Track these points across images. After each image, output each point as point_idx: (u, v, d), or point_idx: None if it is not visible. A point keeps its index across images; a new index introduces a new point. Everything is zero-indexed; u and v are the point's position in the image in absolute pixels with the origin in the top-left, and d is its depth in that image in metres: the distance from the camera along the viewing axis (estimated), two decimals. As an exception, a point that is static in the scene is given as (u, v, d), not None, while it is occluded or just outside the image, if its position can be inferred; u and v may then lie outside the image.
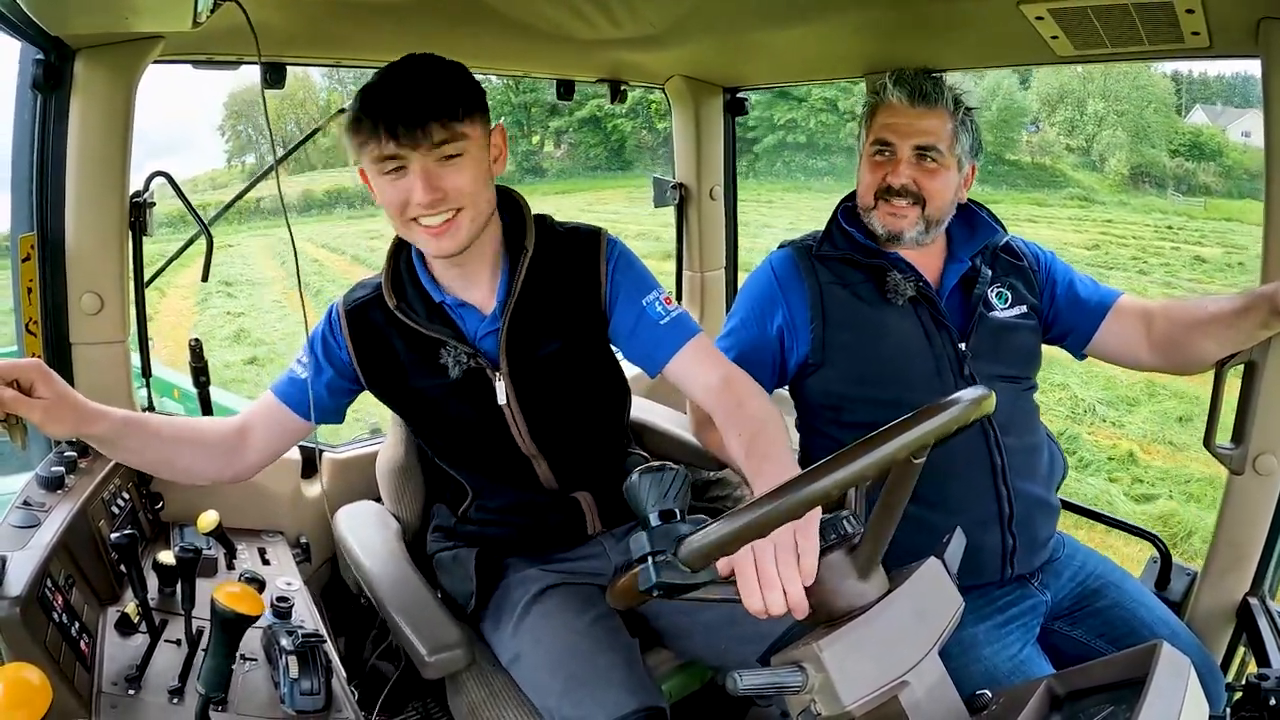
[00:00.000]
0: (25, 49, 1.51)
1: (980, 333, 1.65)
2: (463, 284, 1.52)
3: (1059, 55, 1.72)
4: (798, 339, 1.68)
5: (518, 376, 1.52)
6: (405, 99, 1.32)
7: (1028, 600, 1.61)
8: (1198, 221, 10.50)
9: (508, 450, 1.57)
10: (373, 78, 1.36)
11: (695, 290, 2.77)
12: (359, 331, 1.54)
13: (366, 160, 1.36)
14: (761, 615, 1.00)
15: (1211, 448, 1.57)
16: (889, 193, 1.63)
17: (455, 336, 1.50)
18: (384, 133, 1.31)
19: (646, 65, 2.38)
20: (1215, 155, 29.52)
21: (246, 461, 1.51)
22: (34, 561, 1.16)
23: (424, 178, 1.33)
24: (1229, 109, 32.25)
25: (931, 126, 1.61)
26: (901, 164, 1.62)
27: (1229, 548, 1.68)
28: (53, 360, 1.60)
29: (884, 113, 1.64)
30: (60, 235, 1.60)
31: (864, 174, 1.68)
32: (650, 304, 1.53)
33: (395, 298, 1.51)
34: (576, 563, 1.64)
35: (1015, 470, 1.60)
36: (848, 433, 1.03)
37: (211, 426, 1.50)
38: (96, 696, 1.14)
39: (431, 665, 1.48)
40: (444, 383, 1.51)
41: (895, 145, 1.62)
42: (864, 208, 1.68)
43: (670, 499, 0.97)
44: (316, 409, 1.54)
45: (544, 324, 1.52)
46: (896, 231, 1.64)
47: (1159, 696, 0.87)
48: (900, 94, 1.62)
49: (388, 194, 1.37)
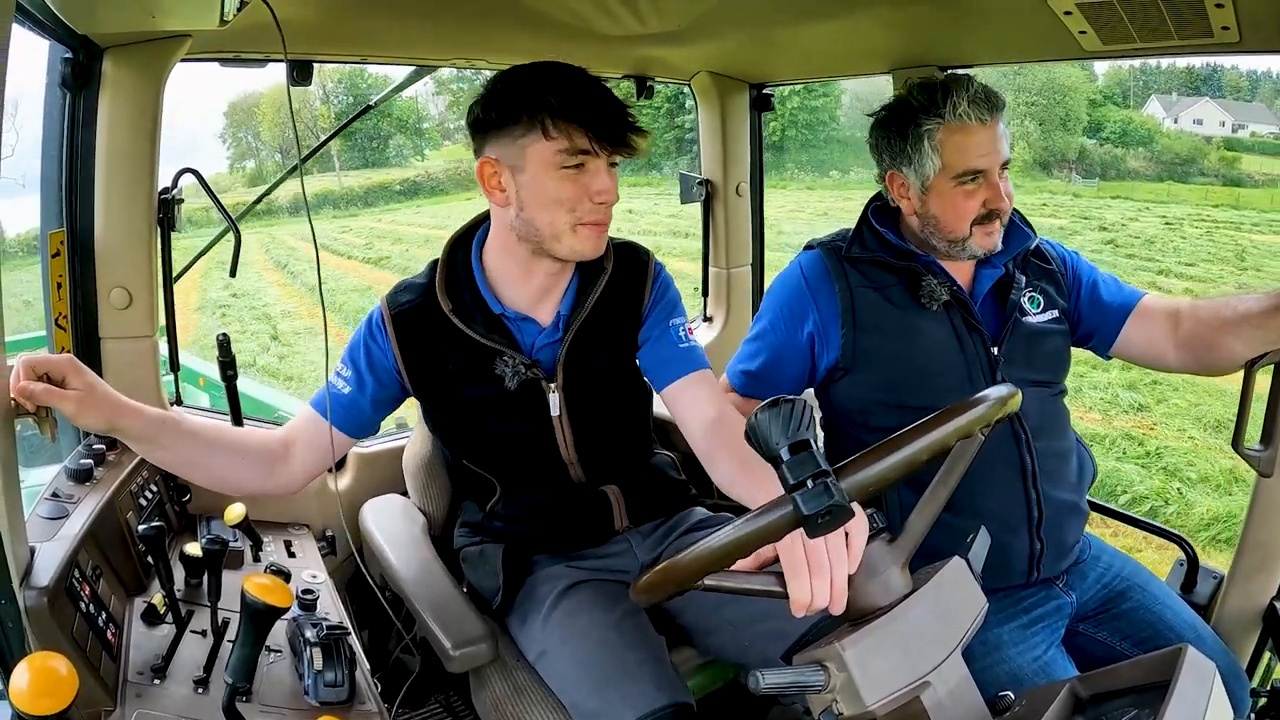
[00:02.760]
0: (54, 48, 1.53)
1: (1014, 338, 1.62)
2: (536, 297, 1.53)
3: (1086, 50, 1.69)
4: (828, 344, 1.65)
5: (571, 389, 1.54)
6: (605, 102, 1.37)
7: (1053, 602, 1.60)
8: (1082, 200, 10.75)
9: (549, 457, 1.58)
10: (530, 77, 1.38)
11: (721, 287, 2.76)
12: (406, 336, 1.52)
13: (541, 153, 1.37)
14: (803, 608, 0.97)
15: (1240, 450, 1.55)
16: (989, 218, 1.58)
17: (512, 346, 1.51)
18: (584, 130, 1.35)
19: (672, 61, 2.38)
20: (1145, 142, 30.73)
21: (291, 473, 1.50)
22: (62, 552, 1.17)
23: (609, 175, 1.40)
24: (1183, 99, 33.70)
25: (1001, 136, 1.57)
26: (999, 185, 1.57)
27: (1256, 551, 1.66)
28: (82, 355, 1.62)
29: (959, 135, 1.55)
30: (89, 231, 1.63)
31: (954, 206, 1.58)
32: (675, 326, 1.58)
33: (451, 301, 1.51)
34: (604, 560, 1.65)
35: (1045, 475, 1.58)
36: (874, 437, 1.02)
37: (253, 436, 1.50)
38: (122, 686, 1.16)
39: (456, 659, 1.49)
40: (498, 393, 1.51)
41: (988, 171, 1.56)
42: (955, 238, 1.60)
43: (800, 429, 0.91)
44: (356, 423, 1.54)
45: (597, 338, 1.55)
46: (994, 249, 1.60)
47: (1183, 701, 0.87)
48: (977, 113, 1.54)
49: (564, 191, 1.38)
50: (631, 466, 1.68)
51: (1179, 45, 1.58)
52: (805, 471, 0.89)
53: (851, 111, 33.86)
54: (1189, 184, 28.22)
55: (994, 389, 1.10)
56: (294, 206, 20.14)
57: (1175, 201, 25.76)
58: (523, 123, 1.37)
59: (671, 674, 1.43)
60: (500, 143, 1.40)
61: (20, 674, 0.88)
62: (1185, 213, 23.47)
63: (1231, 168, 29.56)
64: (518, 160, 1.39)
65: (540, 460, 1.59)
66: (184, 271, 1.89)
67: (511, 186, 1.41)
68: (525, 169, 1.39)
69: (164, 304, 1.80)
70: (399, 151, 36.96)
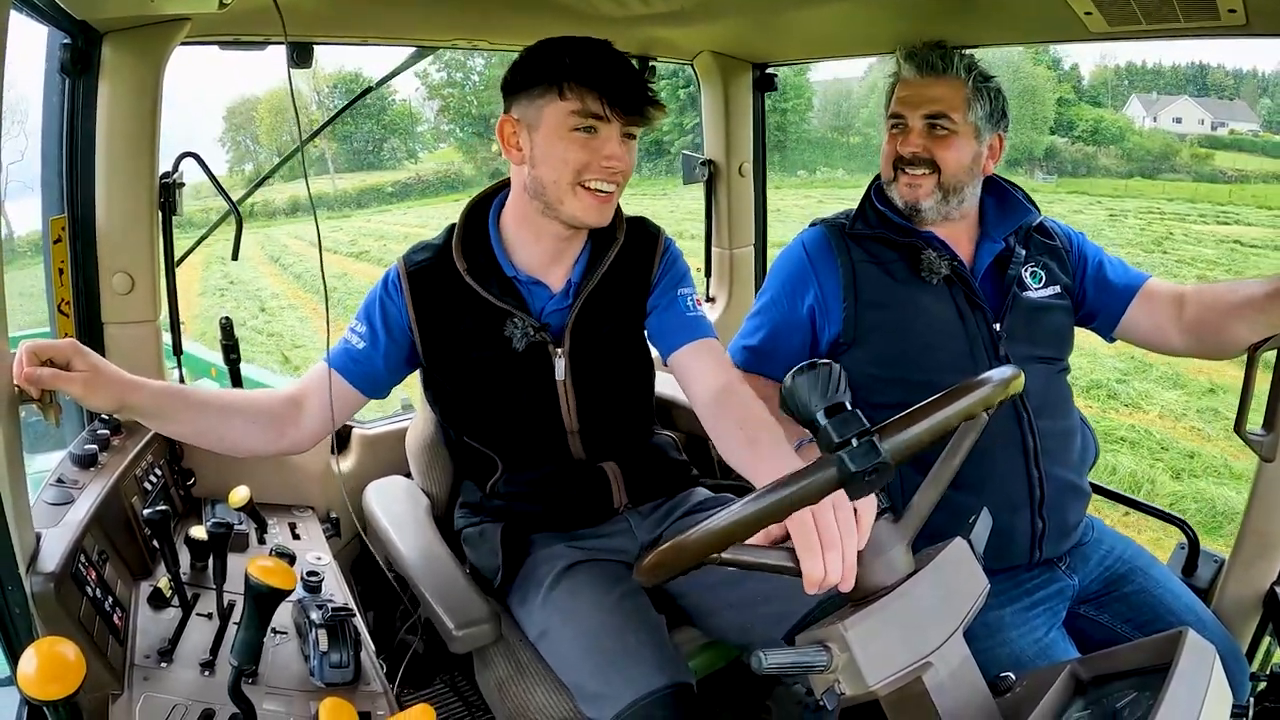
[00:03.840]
0: (52, 34, 1.52)
1: (1014, 313, 1.63)
2: (549, 260, 1.56)
3: (1093, 32, 1.68)
4: (829, 317, 1.67)
5: (576, 354, 1.56)
6: (621, 71, 1.42)
7: (1055, 584, 1.60)
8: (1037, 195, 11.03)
9: (550, 424, 1.60)
10: (557, 45, 1.43)
11: (724, 267, 2.75)
12: (421, 293, 1.54)
13: (556, 113, 1.41)
14: (816, 585, 0.98)
15: (1242, 434, 1.55)
16: (902, 162, 1.64)
17: (523, 309, 1.54)
18: (598, 95, 1.39)
19: (676, 41, 2.37)
20: (1117, 139, 31.51)
21: (303, 431, 1.50)
22: (68, 538, 1.18)
23: (621, 143, 1.43)
24: (1163, 97, 34.35)
25: (940, 94, 1.62)
26: (913, 134, 1.63)
27: (1257, 536, 1.67)
28: (84, 340, 1.61)
29: (899, 88, 1.68)
30: (91, 217, 1.62)
31: (884, 149, 1.71)
32: (683, 296, 1.60)
33: (466, 261, 1.53)
34: (603, 540, 1.65)
35: (1048, 454, 1.59)
36: (878, 413, 1.03)
37: (262, 397, 1.51)
38: (129, 669, 1.17)
39: (459, 640, 1.50)
40: (505, 354, 1.54)
41: (907, 117, 1.65)
42: (885, 181, 1.70)
43: (836, 393, 0.94)
44: (371, 382, 1.54)
45: (605, 307, 1.58)
46: (914, 201, 1.64)
47: (1183, 684, 0.87)
48: (910, 67, 1.65)
49: (572, 151, 1.41)
50: (631, 443, 1.69)
51: (1185, 28, 1.57)
52: (850, 430, 0.92)
53: (822, 114, 34.63)
54: (1156, 180, 28.65)
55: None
56: (290, 208, 21.12)
57: (1132, 196, 26.12)
58: (542, 84, 1.41)
59: (672, 654, 1.44)
60: (522, 103, 1.45)
61: (28, 659, 0.88)
62: (1136, 206, 23.92)
63: (1203, 164, 30.03)
64: (535, 119, 1.43)
65: (542, 429, 1.60)
66: (185, 255, 1.88)
67: (528, 145, 1.46)
68: (540, 128, 1.43)
69: (166, 288, 1.79)
70: (392, 154, 37.35)
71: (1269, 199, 24.37)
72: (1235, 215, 22.25)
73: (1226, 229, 20.26)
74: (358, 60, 34.90)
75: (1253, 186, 26.52)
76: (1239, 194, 25.57)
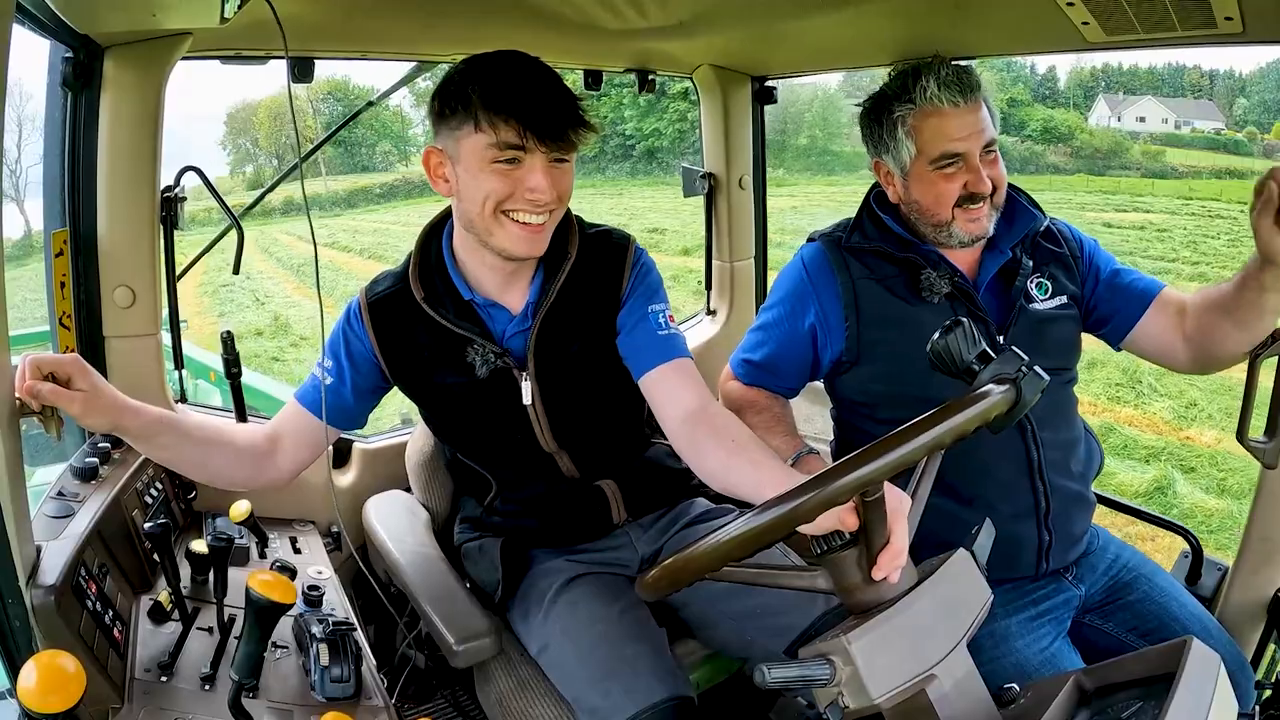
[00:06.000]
0: (55, 48, 1.53)
1: (1020, 326, 1.60)
2: (501, 284, 1.51)
3: (1090, 42, 1.68)
4: (831, 336, 1.65)
5: (543, 377, 1.52)
6: (541, 97, 1.32)
7: (1061, 594, 1.59)
8: None
9: (529, 447, 1.57)
10: (478, 67, 1.35)
11: (725, 280, 2.75)
12: (382, 323, 1.52)
13: (473, 146, 1.33)
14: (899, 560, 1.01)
15: (1244, 441, 1.54)
16: (971, 201, 1.55)
17: (483, 335, 1.50)
18: (515, 124, 1.30)
19: (674, 54, 2.37)
20: (1065, 138, 32.11)
21: (280, 469, 1.50)
22: (68, 551, 1.18)
23: (546, 174, 1.34)
24: (1129, 97, 34.82)
25: (984, 118, 1.55)
26: (977, 167, 1.54)
27: (1261, 543, 1.66)
28: (86, 353, 1.62)
29: (933, 119, 1.55)
30: (92, 230, 1.63)
31: (934, 190, 1.57)
32: (655, 313, 1.52)
33: (423, 289, 1.51)
34: (603, 553, 1.65)
35: (1052, 465, 1.57)
36: (884, 429, 1.02)
37: (242, 432, 1.51)
38: (130, 683, 1.16)
39: (460, 654, 1.49)
40: (469, 381, 1.51)
41: (965, 154, 1.54)
42: (939, 222, 1.58)
43: (981, 342, 1.07)
44: (340, 414, 1.53)
45: (569, 326, 1.52)
46: (981, 234, 1.58)
47: (1188, 693, 0.87)
48: (948, 96, 1.53)
49: (492, 184, 1.34)
50: (625, 459, 1.67)
51: (1182, 36, 1.57)
52: (1018, 362, 1.03)
53: (778, 119, 34.49)
54: (1104, 176, 28.99)
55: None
56: (286, 208, 22.11)
57: (1071, 190, 26.48)
58: (459, 114, 1.34)
59: (672, 667, 1.44)
60: (443, 133, 1.38)
61: (28, 672, 0.88)
62: (1070, 199, 24.12)
63: (1155, 161, 30.48)
64: (455, 151, 1.37)
65: (523, 452, 1.58)
66: (187, 269, 1.89)
67: (453, 177, 1.40)
68: (460, 160, 1.37)
69: (168, 302, 1.79)
70: (384, 158, 38.02)
71: (1199, 191, 25.00)
72: (1147, 204, 23.03)
73: (1128, 215, 21.14)
74: (346, 68, 35.33)
75: (1198, 181, 27.00)
76: (1166, 187, 26.22)
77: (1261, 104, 33.80)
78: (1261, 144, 30.89)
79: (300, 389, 1.54)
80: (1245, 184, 26.28)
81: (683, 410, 1.42)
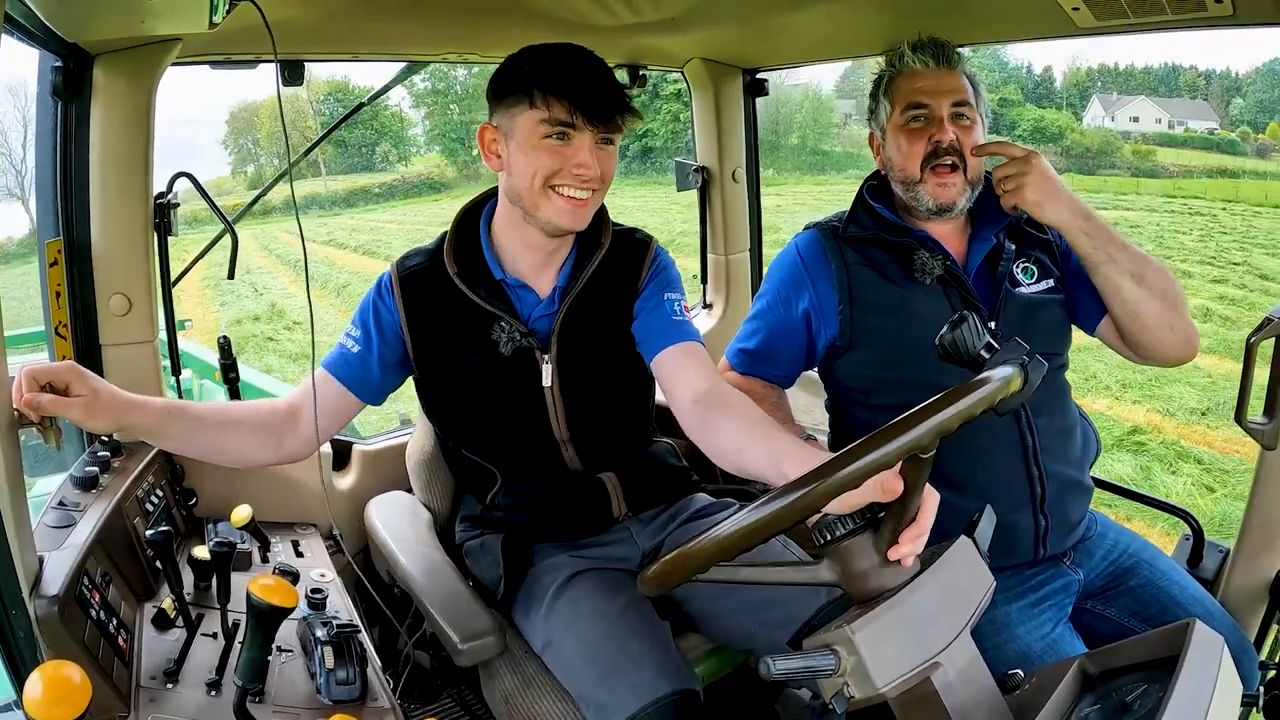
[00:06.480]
0: (44, 57, 1.52)
1: (1009, 311, 1.61)
2: (536, 265, 1.57)
3: (1080, 27, 1.68)
4: (825, 322, 1.66)
5: (564, 360, 1.56)
6: (592, 81, 1.43)
7: (1060, 579, 1.60)
8: None
9: (540, 433, 1.60)
10: (534, 54, 1.45)
11: (720, 273, 2.75)
12: (412, 297, 1.56)
13: (527, 122, 1.43)
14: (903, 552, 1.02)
15: (1243, 423, 1.54)
16: (935, 156, 1.59)
17: (510, 313, 1.54)
18: (566, 103, 1.40)
19: (665, 49, 2.37)
20: (1056, 138, 32.91)
21: (301, 440, 1.52)
22: (71, 560, 1.18)
23: (593, 153, 1.44)
24: (1122, 97, 35.56)
25: (959, 84, 1.60)
26: (944, 121, 1.59)
27: (1262, 525, 1.66)
28: (84, 362, 1.61)
29: (908, 79, 1.63)
30: (86, 239, 1.63)
31: (902, 145, 1.62)
32: (670, 300, 1.58)
33: (457, 266, 1.55)
34: (604, 548, 1.65)
35: (1047, 452, 1.58)
36: (878, 415, 1.04)
37: (259, 409, 1.52)
38: (135, 691, 1.16)
39: (464, 653, 1.49)
40: (492, 360, 1.54)
41: (931, 106, 1.59)
42: (909, 181, 1.63)
43: (986, 333, 1.10)
44: (365, 385, 1.56)
45: (591, 313, 1.58)
46: (948, 203, 1.60)
47: (1192, 675, 0.87)
48: (923, 58, 1.61)
49: (542, 158, 1.43)
50: (628, 452, 1.69)
51: (1172, 20, 1.57)
52: (1023, 349, 1.05)
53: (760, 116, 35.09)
54: (1094, 176, 29.27)
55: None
56: (286, 207, 22.62)
57: None
58: (516, 93, 1.43)
59: (677, 661, 1.44)
60: (499, 111, 1.47)
61: (34, 683, 0.88)
62: None
63: (1145, 160, 30.91)
64: (510, 128, 1.46)
65: (533, 439, 1.60)
66: (181, 276, 1.88)
67: (505, 153, 1.48)
68: (514, 136, 1.45)
69: (163, 309, 1.79)
70: (384, 158, 38.13)
71: (1185, 189, 25.41)
72: (1128, 203, 23.38)
73: (1107, 213, 21.35)
74: (346, 69, 35.55)
75: (1187, 180, 27.31)
76: (1153, 186, 26.60)
77: (1257, 104, 34.16)
78: (1255, 143, 31.11)
79: (327, 357, 1.58)
80: (1235, 183, 26.54)
81: (693, 391, 1.46)
